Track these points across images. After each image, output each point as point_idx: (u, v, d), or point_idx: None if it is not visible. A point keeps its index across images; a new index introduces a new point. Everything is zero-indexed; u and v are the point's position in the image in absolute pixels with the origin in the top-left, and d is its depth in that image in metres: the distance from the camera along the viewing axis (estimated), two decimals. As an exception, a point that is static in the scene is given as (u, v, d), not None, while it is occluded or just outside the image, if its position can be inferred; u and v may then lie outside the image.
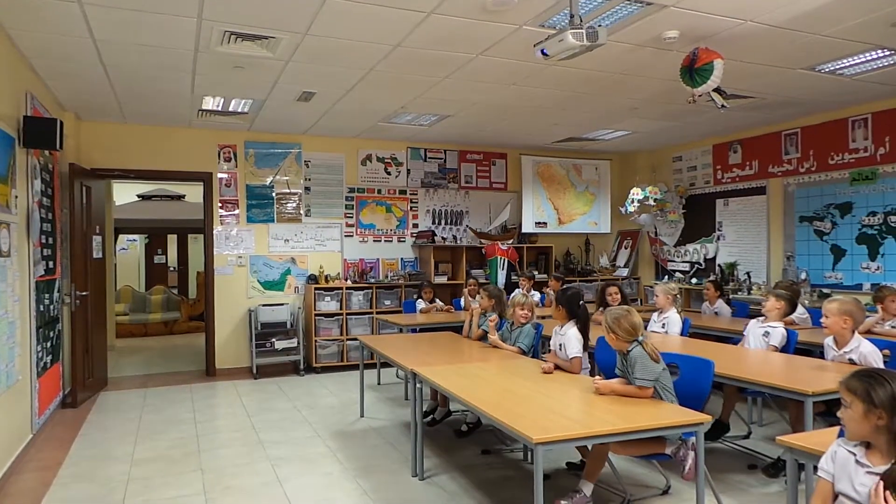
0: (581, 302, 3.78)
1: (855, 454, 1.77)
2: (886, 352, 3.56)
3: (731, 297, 6.54)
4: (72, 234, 5.60)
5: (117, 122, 6.51)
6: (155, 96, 5.49)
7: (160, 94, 5.43)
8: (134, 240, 12.94)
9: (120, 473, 3.86)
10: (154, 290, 10.92)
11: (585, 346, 3.66)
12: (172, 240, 13.33)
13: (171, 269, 13.52)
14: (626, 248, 8.85)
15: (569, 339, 3.64)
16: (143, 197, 10.99)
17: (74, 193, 5.61)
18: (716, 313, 6.00)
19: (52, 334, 5.10)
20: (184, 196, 11.29)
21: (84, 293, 5.75)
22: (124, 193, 10.31)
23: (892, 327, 4.52)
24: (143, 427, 4.87)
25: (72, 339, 5.61)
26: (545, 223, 8.45)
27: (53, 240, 5.23)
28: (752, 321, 4.43)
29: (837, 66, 4.72)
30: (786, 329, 4.19)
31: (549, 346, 3.98)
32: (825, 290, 6.07)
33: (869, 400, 1.69)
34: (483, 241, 7.97)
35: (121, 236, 11.72)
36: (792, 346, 4.16)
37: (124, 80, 4.98)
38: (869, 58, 4.52)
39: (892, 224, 5.73)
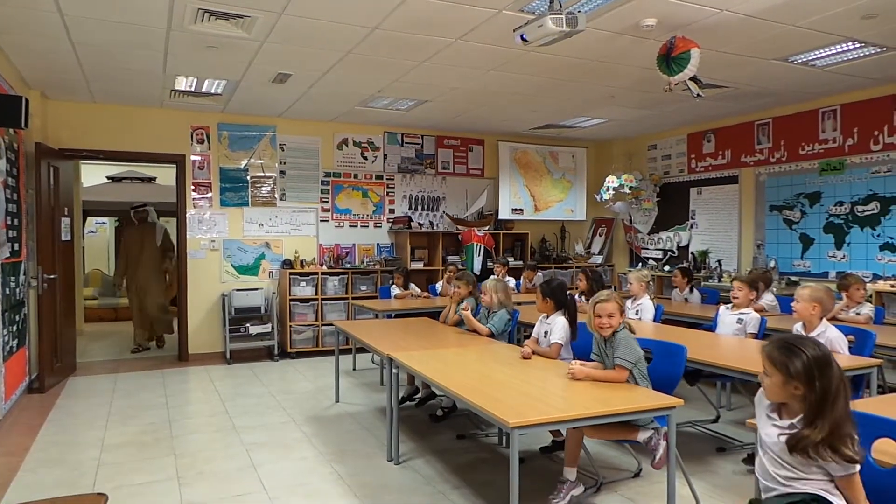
0: (568, 293, 3.81)
1: (767, 411, 1.95)
2: (851, 337, 3.68)
3: (702, 284, 6.66)
4: (38, 215, 5.46)
5: (86, 102, 6.33)
6: (125, 75, 5.34)
7: (131, 74, 5.29)
8: (103, 223, 12.64)
9: (90, 459, 3.80)
10: (124, 274, 10.68)
11: (573, 336, 3.68)
12: (143, 223, 13.06)
13: (142, 252, 13.25)
14: (600, 236, 8.93)
15: (556, 325, 3.67)
16: (112, 179, 10.72)
17: (41, 174, 5.46)
18: (686, 300, 6.11)
19: (17, 318, 4.98)
20: (155, 178, 11.04)
21: (51, 276, 5.61)
22: (93, 175, 10.03)
23: (857, 314, 4.65)
24: (114, 412, 4.80)
25: (38, 323, 5.48)
26: (521, 210, 8.48)
27: (19, 221, 5.09)
28: (722, 308, 4.53)
29: (810, 58, 4.80)
30: (760, 316, 4.31)
31: (526, 332, 4.00)
32: (794, 279, 6.21)
33: (786, 371, 1.82)
34: (459, 227, 7.98)
35: (90, 219, 11.44)
36: (761, 332, 4.26)
37: (93, 58, 4.84)
38: (840, 49, 4.60)
39: (858, 214, 5.88)
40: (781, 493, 1.85)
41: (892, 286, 5.22)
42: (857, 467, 1.75)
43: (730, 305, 4.45)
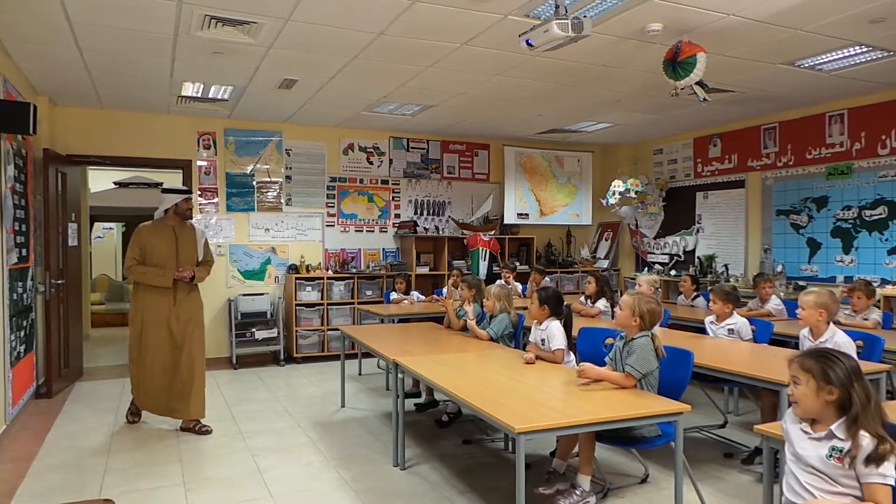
0: (564, 301, 3.80)
1: (800, 426, 1.94)
2: (860, 343, 3.65)
3: (708, 289, 6.62)
4: (46, 221, 5.49)
5: (93, 108, 6.37)
6: (133, 82, 5.38)
7: (138, 80, 5.32)
8: (111, 228, 12.71)
9: (97, 464, 3.81)
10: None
11: (568, 343, 3.68)
12: (150, 228, 13.11)
13: (149, 257, 13.31)
14: (606, 240, 8.91)
15: (552, 331, 3.66)
16: (119, 184, 10.78)
17: (49, 179, 5.49)
18: (692, 305, 6.08)
19: (25, 323, 5.00)
20: (162, 184, 11.08)
21: (59, 281, 5.64)
22: (100, 180, 10.09)
23: (864, 319, 4.62)
24: (121, 417, 4.80)
25: (46, 328, 5.51)
26: (527, 214, 8.47)
27: (27, 227, 5.12)
28: (707, 320, 4.51)
29: (816, 62, 4.78)
30: (745, 318, 4.35)
31: (527, 338, 3.99)
32: (801, 283, 6.18)
33: (824, 376, 1.85)
34: (465, 231, 7.97)
35: (97, 224, 11.50)
36: (767, 337, 4.24)
37: (101, 65, 4.87)
38: (847, 54, 4.58)
39: (866, 218, 5.84)
40: None
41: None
42: (893, 479, 1.76)
43: (712, 318, 4.45)
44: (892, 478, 1.74)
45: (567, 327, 3.69)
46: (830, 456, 1.83)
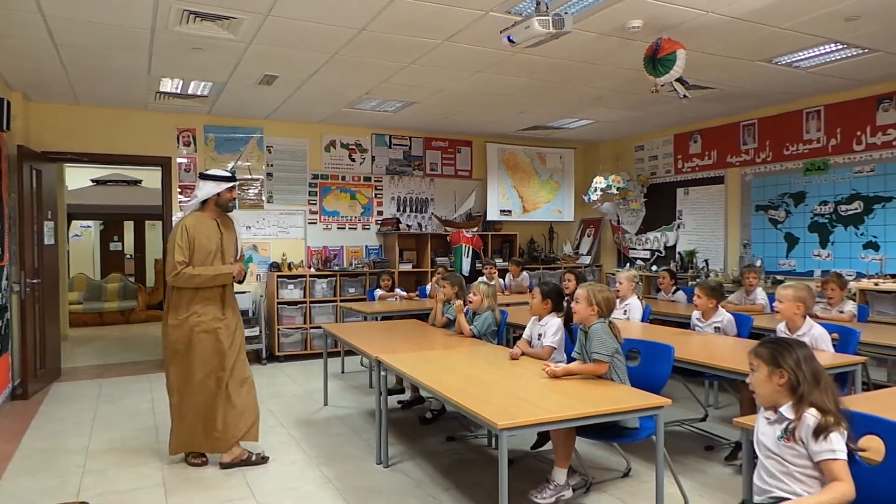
0: (565, 296, 3.80)
1: (764, 413, 2.03)
2: (836, 335, 3.71)
3: (689, 283, 6.69)
4: (21, 219, 5.38)
5: (69, 104, 6.26)
6: (109, 77, 5.29)
7: (115, 75, 5.24)
8: (88, 226, 12.53)
9: (74, 465, 3.75)
10: (110, 278, 10.60)
11: (571, 339, 3.67)
12: (129, 226, 12.96)
13: (128, 256, 13.15)
14: (588, 236, 8.96)
15: (551, 327, 3.66)
16: (97, 182, 10.62)
17: (23, 177, 5.38)
18: (672, 300, 6.14)
19: (0, 323, 4.91)
20: (140, 181, 10.95)
21: (35, 281, 5.54)
22: (78, 178, 9.94)
23: (840, 312, 4.70)
24: (99, 418, 4.74)
25: (22, 328, 5.41)
26: (510, 211, 8.49)
27: (1, 225, 5.02)
28: (694, 315, 4.53)
29: (793, 59, 4.85)
30: (730, 313, 4.40)
31: (516, 333, 4.00)
32: (779, 277, 6.27)
33: (773, 362, 1.95)
34: (448, 228, 7.97)
35: (74, 222, 11.32)
36: (747, 331, 4.30)
37: (76, 60, 4.79)
38: (823, 51, 4.65)
39: (842, 213, 5.94)
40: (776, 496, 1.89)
41: (876, 284, 5.28)
42: (845, 453, 1.81)
43: (698, 314, 4.48)
44: (842, 451, 1.80)
45: (567, 324, 3.68)
46: (781, 437, 1.90)
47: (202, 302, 3.65)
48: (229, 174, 3.78)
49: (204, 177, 3.76)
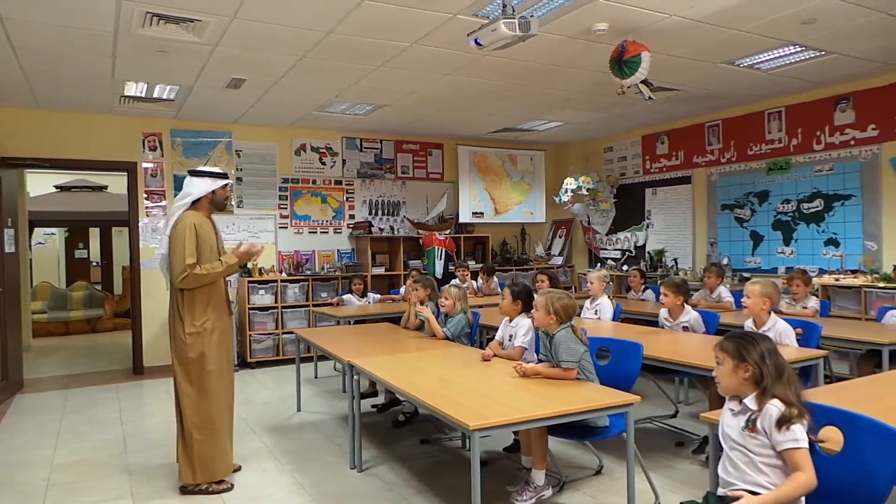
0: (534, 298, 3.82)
1: (729, 405, 2.08)
2: (799, 330, 3.80)
3: (658, 282, 6.80)
4: (-20, 227, 5.24)
5: (30, 108, 6.10)
6: (72, 81, 5.17)
7: (77, 79, 5.12)
8: (52, 233, 12.22)
9: (39, 479, 3.65)
10: (75, 286, 10.36)
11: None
12: (95, 233, 12.67)
13: (94, 263, 12.86)
14: (560, 237, 9.05)
15: (521, 328, 3.68)
16: (61, 188, 10.37)
17: (-18, 184, 5.24)
18: (642, 299, 6.23)
19: (-41, 335, 4.76)
20: (106, 187, 10.73)
21: (-5, 290, 5.39)
22: (40, 184, 9.69)
23: (803, 308, 4.82)
24: (65, 429, 4.62)
25: (-18, 339, 5.26)
26: (482, 213, 8.53)
27: (-41, 234, 4.87)
28: (661, 314, 4.57)
29: (754, 61, 4.97)
30: (696, 311, 4.47)
31: (489, 335, 4.01)
32: (745, 275, 6.40)
33: (738, 355, 2.00)
34: (420, 231, 7.97)
35: (37, 230, 11.05)
36: (714, 328, 4.38)
37: (36, 64, 4.67)
38: (782, 53, 4.77)
39: (804, 211, 6.10)
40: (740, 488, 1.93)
41: (837, 280, 5.43)
42: (806, 442, 1.86)
43: (666, 312, 4.53)
44: (804, 441, 1.85)
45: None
46: (745, 427, 1.95)
47: (219, 303, 3.48)
48: (223, 172, 3.62)
49: (197, 174, 3.52)
